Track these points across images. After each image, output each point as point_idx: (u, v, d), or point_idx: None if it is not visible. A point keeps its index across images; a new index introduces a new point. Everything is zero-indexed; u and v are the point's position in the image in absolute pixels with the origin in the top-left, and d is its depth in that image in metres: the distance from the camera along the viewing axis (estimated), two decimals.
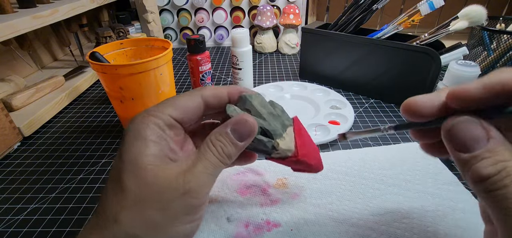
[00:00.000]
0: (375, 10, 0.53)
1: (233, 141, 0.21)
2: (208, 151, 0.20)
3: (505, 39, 0.47)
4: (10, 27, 0.43)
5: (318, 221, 0.28)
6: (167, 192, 0.18)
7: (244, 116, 0.21)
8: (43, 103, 0.50)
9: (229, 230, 0.28)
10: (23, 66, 0.63)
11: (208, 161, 0.20)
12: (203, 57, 0.50)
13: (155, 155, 0.19)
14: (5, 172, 0.39)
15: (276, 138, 0.23)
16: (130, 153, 0.19)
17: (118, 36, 0.67)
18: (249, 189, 0.32)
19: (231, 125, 0.21)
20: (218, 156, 0.20)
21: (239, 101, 0.24)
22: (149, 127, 0.20)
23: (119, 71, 0.36)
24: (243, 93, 0.24)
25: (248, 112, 0.23)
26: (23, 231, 0.30)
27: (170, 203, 0.18)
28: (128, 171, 0.18)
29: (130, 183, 0.18)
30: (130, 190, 0.18)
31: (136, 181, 0.18)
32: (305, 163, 0.25)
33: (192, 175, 0.19)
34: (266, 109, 0.24)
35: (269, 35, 0.82)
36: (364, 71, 0.54)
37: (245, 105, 0.23)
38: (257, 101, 0.23)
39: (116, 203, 0.18)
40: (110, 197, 0.18)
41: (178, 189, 0.18)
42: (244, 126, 0.21)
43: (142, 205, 0.18)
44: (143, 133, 0.19)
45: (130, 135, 0.19)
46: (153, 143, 0.19)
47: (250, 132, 0.21)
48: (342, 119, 0.46)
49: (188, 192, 0.18)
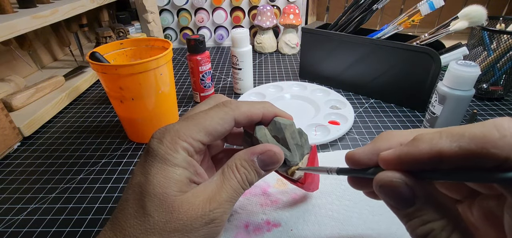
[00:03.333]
0: (375, 10, 0.53)
1: (257, 169, 0.20)
2: (233, 178, 0.20)
3: (505, 39, 0.47)
4: (10, 27, 0.43)
5: (318, 221, 0.28)
6: (192, 222, 0.18)
7: (272, 148, 0.21)
8: (43, 103, 0.51)
9: (229, 230, 0.28)
10: (23, 66, 0.63)
11: (232, 188, 0.19)
12: (203, 57, 0.50)
13: (183, 182, 0.19)
14: (5, 172, 0.39)
15: (292, 165, 0.23)
16: (157, 177, 0.18)
17: (118, 36, 0.67)
18: (249, 189, 0.32)
19: (258, 153, 0.20)
20: (241, 183, 0.20)
21: (270, 124, 0.23)
22: (179, 153, 0.19)
23: (119, 71, 0.36)
24: (278, 119, 0.23)
25: (276, 139, 0.23)
26: (23, 231, 0.30)
27: (194, 232, 0.18)
28: (154, 197, 0.18)
29: (155, 211, 0.18)
30: (154, 218, 0.17)
31: (161, 209, 0.18)
32: (306, 189, 0.26)
33: (217, 203, 0.18)
34: (294, 140, 0.23)
35: (269, 35, 0.82)
36: (364, 71, 0.54)
37: (276, 132, 0.23)
38: (289, 132, 0.23)
39: (139, 227, 0.18)
40: (132, 220, 0.18)
41: (203, 217, 0.18)
42: (271, 158, 0.21)
43: (166, 232, 0.17)
44: (173, 158, 0.18)
45: (159, 158, 0.18)
46: (182, 169, 0.19)
47: (275, 164, 0.21)
48: (342, 119, 0.46)
49: (213, 220, 0.18)
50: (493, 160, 0.13)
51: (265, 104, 0.23)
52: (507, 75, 0.51)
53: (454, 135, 0.14)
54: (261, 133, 0.22)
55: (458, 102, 0.36)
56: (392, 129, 0.45)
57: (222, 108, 0.21)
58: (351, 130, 0.45)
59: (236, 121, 0.21)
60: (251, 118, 0.22)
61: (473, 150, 0.13)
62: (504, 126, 0.13)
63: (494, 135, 0.13)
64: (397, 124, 0.47)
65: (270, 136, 0.22)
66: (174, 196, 0.18)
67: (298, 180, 0.25)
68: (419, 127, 0.45)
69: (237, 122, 0.21)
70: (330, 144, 0.42)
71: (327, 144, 0.41)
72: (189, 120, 0.20)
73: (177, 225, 0.17)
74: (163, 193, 0.18)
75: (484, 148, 0.13)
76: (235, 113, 0.21)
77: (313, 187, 0.29)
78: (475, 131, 0.13)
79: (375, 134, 0.44)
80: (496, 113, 0.49)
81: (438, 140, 0.14)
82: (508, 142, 0.12)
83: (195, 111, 0.21)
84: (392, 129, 0.45)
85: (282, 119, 0.23)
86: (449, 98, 0.36)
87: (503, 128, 0.13)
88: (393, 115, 0.49)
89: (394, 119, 0.48)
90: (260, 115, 0.22)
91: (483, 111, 0.50)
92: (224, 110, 0.21)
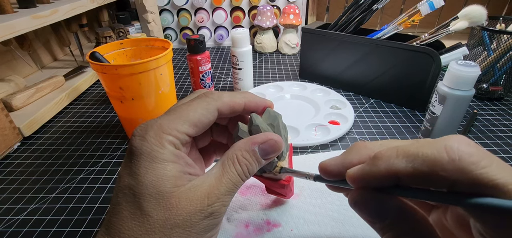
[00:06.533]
0: (375, 10, 0.53)
1: (258, 159, 0.20)
2: (233, 171, 0.19)
3: (505, 39, 0.47)
4: (10, 27, 0.43)
5: (318, 221, 0.28)
6: (192, 217, 0.18)
7: (273, 136, 0.21)
8: (43, 103, 0.50)
9: (229, 230, 0.28)
10: (23, 66, 0.63)
11: (231, 181, 0.19)
12: (203, 57, 0.50)
13: (176, 176, 0.18)
14: (5, 172, 0.39)
15: (280, 159, 0.24)
16: (148, 177, 0.18)
17: (118, 36, 0.67)
18: (249, 189, 0.32)
19: (260, 142, 0.20)
20: (242, 175, 0.20)
21: (264, 113, 0.23)
22: (165, 147, 0.18)
23: (119, 71, 0.36)
24: (269, 109, 0.23)
25: (271, 127, 0.23)
26: (23, 231, 0.30)
27: (194, 226, 0.18)
28: (149, 197, 0.17)
29: (153, 210, 0.17)
30: (153, 217, 0.17)
31: (160, 208, 0.17)
32: (288, 190, 0.26)
33: (216, 197, 0.18)
34: (284, 131, 0.24)
35: (269, 35, 0.82)
36: (364, 71, 0.54)
37: (270, 121, 0.23)
38: (281, 122, 0.23)
39: (139, 228, 0.17)
40: (129, 222, 0.17)
41: (202, 212, 0.18)
42: (273, 146, 0.21)
43: (168, 230, 0.17)
44: (160, 155, 0.18)
45: (145, 157, 0.18)
46: (172, 164, 0.18)
47: (276, 152, 0.21)
48: (342, 119, 0.46)
49: (212, 214, 0.18)
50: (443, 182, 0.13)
51: (246, 94, 0.23)
52: (507, 75, 0.51)
53: (409, 155, 0.14)
54: (259, 120, 0.22)
55: (458, 102, 0.36)
56: (392, 128, 0.45)
57: (204, 99, 0.21)
58: (351, 130, 0.45)
59: (219, 111, 0.21)
60: (234, 108, 0.22)
61: (425, 171, 0.13)
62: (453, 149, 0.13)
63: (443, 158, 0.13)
64: (397, 123, 0.47)
65: (265, 125, 0.22)
66: (170, 193, 0.18)
67: (281, 179, 0.25)
68: (419, 127, 0.45)
69: (220, 111, 0.21)
70: (330, 144, 0.42)
71: (327, 144, 0.41)
72: (172, 113, 0.20)
73: (177, 221, 0.17)
74: (158, 192, 0.17)
75: (433, 171, 0.13)
76: (218, 103, 0.21)
77: (289, 194, 0.29)
78: (427, 152, 0.13)
79: (375, 133, 0.44)
80: (496, 113, 0.49)
81: (394, 160, 0.14)
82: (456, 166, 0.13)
83: (177, 105, 0.21)
84: (392, 129, 0.45)
85: (272, 110, 0.24)
86: (449, 98, 0.36)
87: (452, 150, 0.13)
88: (393, 115, 0.49)
89: (394, 118, 0.48)
90: (242, 105, 0.22)
91: (483, 111, 0.50)
92: (206, 100, 0.21)
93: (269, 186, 0.28)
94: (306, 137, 0.41)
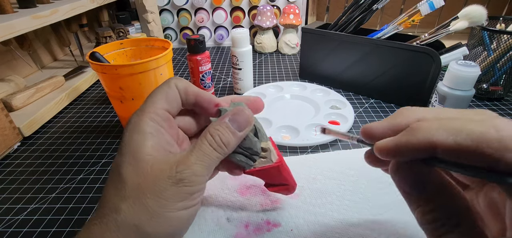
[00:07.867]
0: (375, 10, 0.53)
1: (231, 130, 0.22)
2: (205, 142, 0.21)
3: (505, 39, 0.47)
4: (10, 27, 0.43)
5: (318, 221, 0.28)
6: (161, 181, 0.19)
7: (242, 108, 0.23)
8: (43, 103, 0.50)
9: (229, 230, 0.28)
10: (23, 66, 0.63)
11: (202, 151, 0.20)
12: (203, 57, 0.50)
13: (153, 146, 0.20)
14: (5, 172, 0.39)
15: (262, 140, 0.25)
16: (129, 146, 0.20)
17: (118, 36, 0.67)
18: (249, 189, 0.32)
19: (230, 115, 0.22)
20: (216, 146, 0.21)
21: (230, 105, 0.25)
22: (146, 122, 0.21)
23: (119, 71, 0.36)
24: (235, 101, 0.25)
25: None
26: (23, 231, 0.30)
27: (164, 192, 0.19)
28: (127, 163, 0.19)
29: (129, 174, 0.19)
30: (128, 180, 0.19)
31: (134, 171, 0.19)
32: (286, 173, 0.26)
33: (184, 165, 0.19)
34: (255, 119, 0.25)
35: (269, 35, 0.82)
36: (364, 71, 0.54)
37: None
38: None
39: (116, 194, 0.19)
40: (111, 189, 0.19)
41: (171, 177, 0.19)
42: (242, 115, 0.22)
43: (140, 194, 0.19)
44: (141, 127, 0.20)
45: (129, 130, 0.21)
46: (151, 135, 0.20)
47: (248, 121, 0.23)
48: (342, 119, 0.46)
49: (181, 180, 0.19)
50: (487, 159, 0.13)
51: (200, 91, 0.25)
52: (507, 75, 0.51)
53: (452, 129, 0.14)
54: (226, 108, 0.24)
55: (458, 103, 0.36)
56: None
57: (172, 78, 0.24)
58: (351, 130, 0.45)
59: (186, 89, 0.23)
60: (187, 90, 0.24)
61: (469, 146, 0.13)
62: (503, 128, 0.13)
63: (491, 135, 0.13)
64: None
65: None
66: (145, 160, 0.19)
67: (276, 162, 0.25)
68: None
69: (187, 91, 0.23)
70: (330, 144, 0.42)
71: (327, 144, 0.41)
72: (150, 96, 0.22)
73: (148, 185, 0.19)
74: (134, 159, 0.19)
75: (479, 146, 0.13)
76: (184, 81, 0.23)
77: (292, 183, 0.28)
78: (473, 128, 0.13)
79: None
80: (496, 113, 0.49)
81: (435, 131, 0.14)
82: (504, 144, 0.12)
83: None
84: None
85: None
86: (449, 98, 0.36)
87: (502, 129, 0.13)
88: None
89: None
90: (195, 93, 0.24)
91: None
92: (175, 78, 0.24)
93: (266, 180, 0.27)
94: (306, 137, 0.41)
